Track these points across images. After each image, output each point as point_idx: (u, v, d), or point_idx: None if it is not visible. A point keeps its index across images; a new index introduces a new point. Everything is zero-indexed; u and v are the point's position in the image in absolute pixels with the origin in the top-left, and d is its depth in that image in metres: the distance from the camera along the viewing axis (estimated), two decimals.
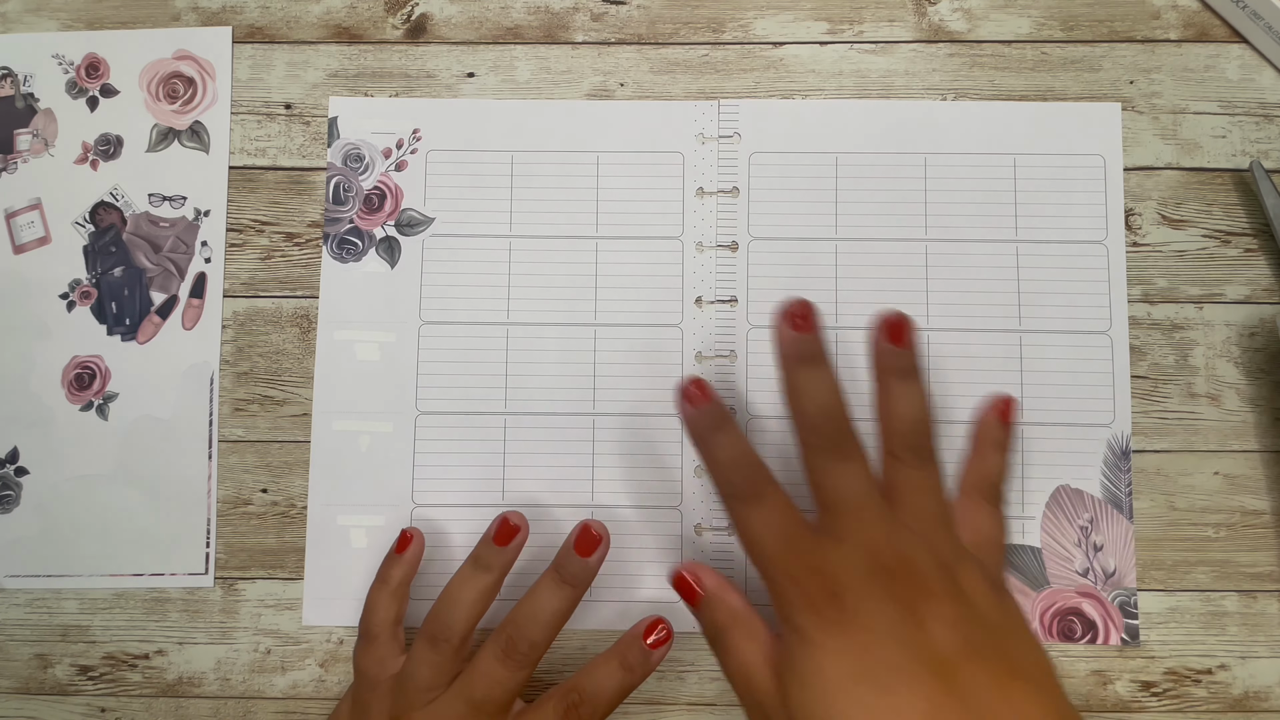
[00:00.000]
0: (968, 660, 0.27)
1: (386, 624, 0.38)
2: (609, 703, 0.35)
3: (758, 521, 0.30)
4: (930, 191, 0.42)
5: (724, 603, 0.32)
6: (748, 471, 0.31)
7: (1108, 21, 0.43)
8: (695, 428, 0.32)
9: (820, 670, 0.28)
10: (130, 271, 0.43)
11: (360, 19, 0.44)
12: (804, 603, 0.29)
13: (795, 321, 0.31)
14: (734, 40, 0.43)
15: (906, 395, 0.32)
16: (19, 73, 0.44)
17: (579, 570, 0.35)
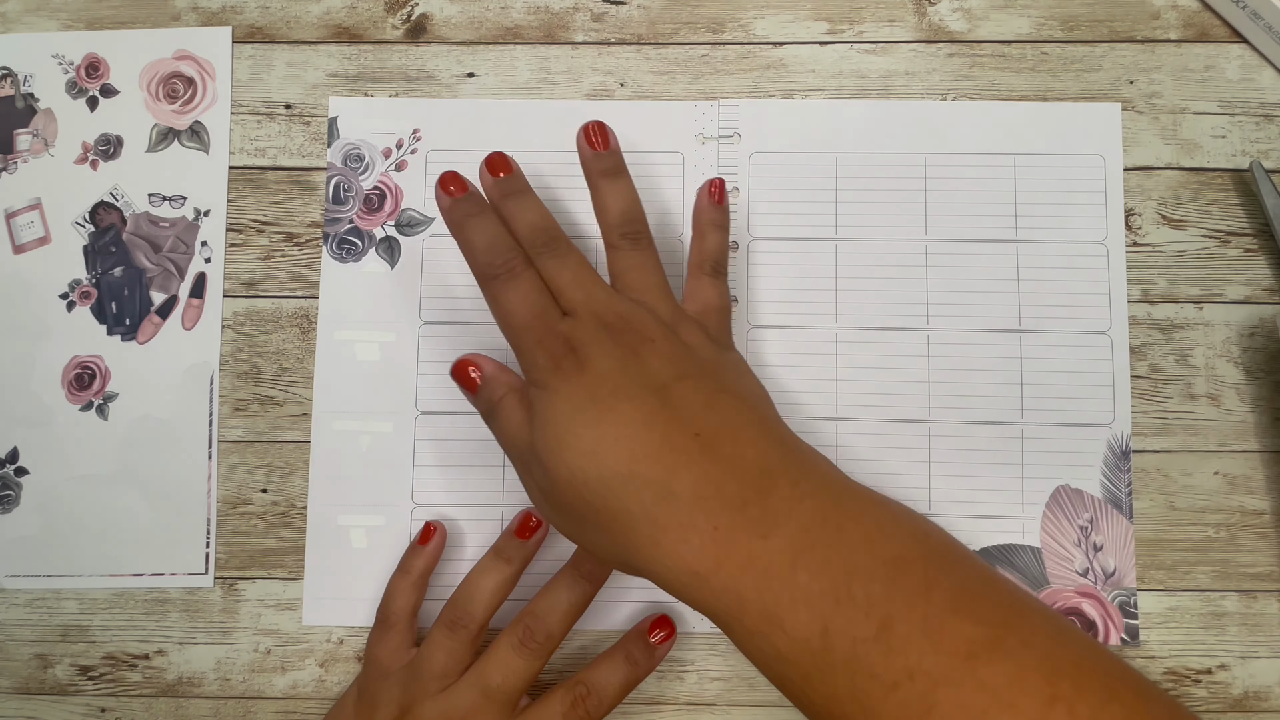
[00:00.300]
0: (679, 381, 0.31)
1: (404, 613, 0.38)
2: (614, 696, 0.36)
3: (513, 296, 0.33)
4: (930, 191, 0.42)
5: (500, 379, 0.34)
6: (505, 253, 0.33)
7: (1108, 21, 0.43)
8: (452, 215, 0.34)
9: (554, 408, 0.31)
10: (130, 271, 0.43)
11: (360, 19, 0.44)
12: (547, 361, 0.31)
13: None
14: (734, 40, 0.43)
15: (615, 191, 0.36)
16: (19, 73, 0.44)
17: (595, 567, 0.37)
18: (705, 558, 0.28)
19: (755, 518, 0.28)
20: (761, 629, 0.27)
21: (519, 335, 0.32)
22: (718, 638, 0.40)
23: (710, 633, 0.40)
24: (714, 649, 0.40)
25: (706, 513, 0.28)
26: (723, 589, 0.28)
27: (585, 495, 0.30)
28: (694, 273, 0.38)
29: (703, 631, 0.40)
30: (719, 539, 0.28)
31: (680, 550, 0.28)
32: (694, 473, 0.29)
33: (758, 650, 0.28)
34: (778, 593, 0.27)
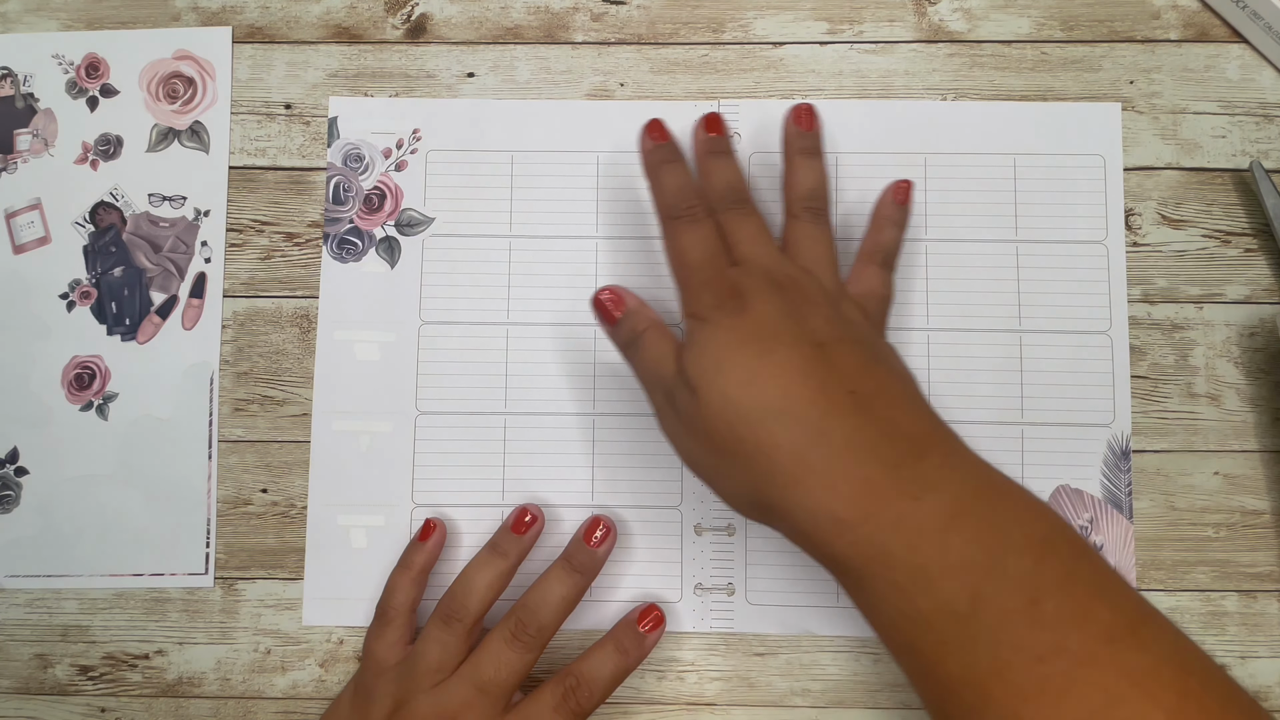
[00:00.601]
0: (838, 343, 0.32)
1: (403, 608, 0.38)
2: (605, 686, 0.36)
3: (690, 236, 0.35)
4: (930, 191, 0.42)
5: (643, 314, 0.36)
6: (691, 198, 0.36)
7: (1108, 21, 0.43)
8: (651, 158, 0.37)
9: (714, 338, 0.32)
10: (130, 271, 0.43)
11: (360, 19, 0.44)
12: (712, 299, 0.33)
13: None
14: (734, 40, 0.43)
15: (808, 168, 0.38)
16: (19, 73, 0.44)
17: (587, 559, 0.38)
18: (852, 506, 0.28)
19: (908, 478, 0.29)
20: (906, 588, 0.28)
21: (689, 272, 0.34)
22: (718, 638, 0.40)
23: (710, 633, 0.40)
24: (714, 649, 0.40)
25: (859, 463, 0.29)
26: (867, 540, 0.28)
27: (734, 424, 0.30)
28: (863, 260, 0.39)
29: (702, 631, 0.40)
30: (870, 491, 0.29)
31: (825, 495, 0.29)
32: (849, 423, 0.30)
33: (894, 610, 0.28)
34: (928, 554, 0.28)
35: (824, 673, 0.40)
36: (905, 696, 0.39)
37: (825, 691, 0.40)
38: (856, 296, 0.36)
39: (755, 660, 0.40)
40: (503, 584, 0.38)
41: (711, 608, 0.40)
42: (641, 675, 0.40)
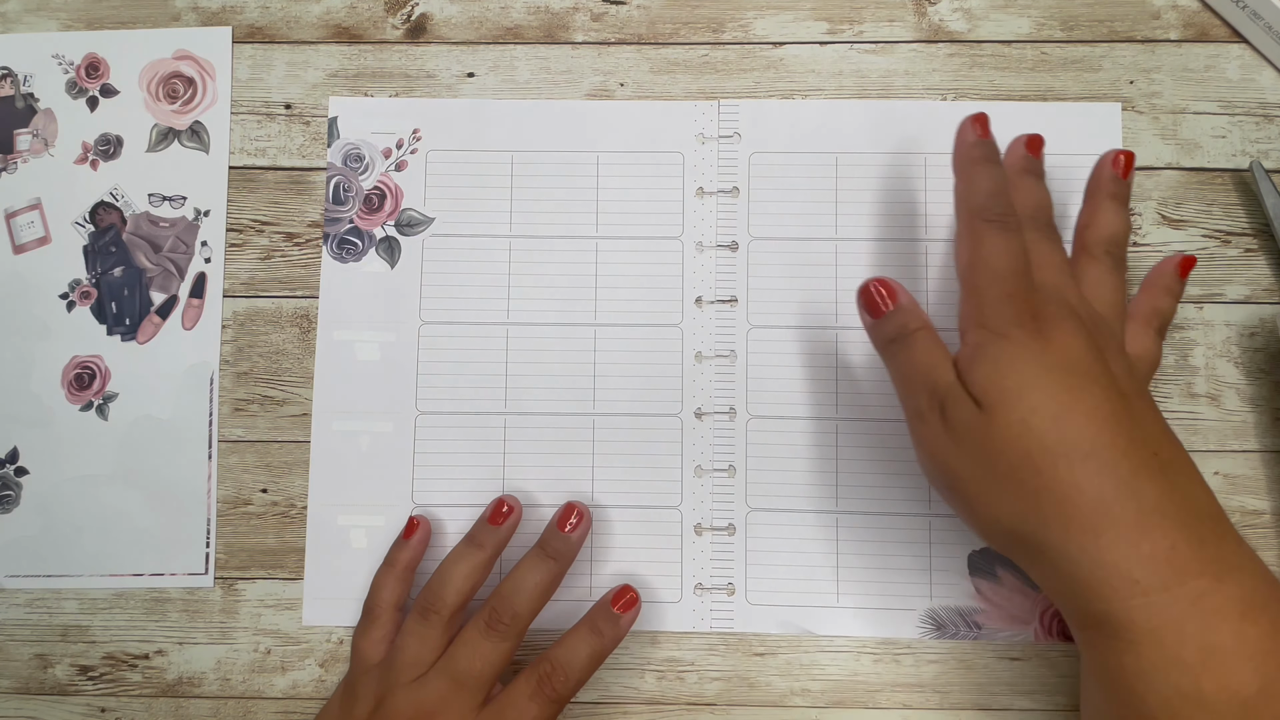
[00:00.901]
0: (1138, 397, 0.31)
1: (389, 605, 0.38)
2: (581, 669, 0.36)
3: (1000, 244, 0.33)
4: (930, 191, 0.42)
5: (915, 312, 0.34)
6: (1007, 205, 0.34)
7: (1108, 21, 0.43)
8: (970, 153, 0.35)
9: (1015, 358, 0.31)
10: (130, 271, 0.43)
11: (360, 19, 0.44)
12: (1012, 315, 0.31)
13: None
14: (734, 40, 0.43)
15: (1117, 213, 0.36)
16: (19, 73, 0.44)
17: (562, 545, 0.37)
18: (1152, 572, 0.28)
19: (1211, 557, 0.28)
20: (1193, 666, 0.27)
21: (991, 281, 0.32)
22: (717, 638, 0.40)
23: (710, 633, 0.40)
24: (714, 649, 0.40)
25: (1164, 529, 0.28)
26: (1161, 609, 0.28)
27: (1032, 455, 0.29)
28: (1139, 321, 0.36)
29: (702, 631, 0.40)
30: (1173, 560, 0.28)
31: (1126, 552, 0.28)
32: (1158, 485, 0.29)
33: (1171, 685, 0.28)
34: (1224, 637, 0.27)
35: (824, 673, 0.40)
36: (905, 697, 0.39)
37: (825, 691, 0.40)
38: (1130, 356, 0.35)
39: (755, 660, 0.40)
40: (481, 576, 0.38)
41: (711, 608, 0.40)
42: (642, 675, 0.40)
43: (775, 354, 0.41)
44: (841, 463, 0.41)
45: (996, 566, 0.40)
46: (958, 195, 0.35)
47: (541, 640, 0.40)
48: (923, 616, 0.40)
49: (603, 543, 0.41)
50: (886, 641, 0.40)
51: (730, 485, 0.41)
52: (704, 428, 0.41)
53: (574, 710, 0.40)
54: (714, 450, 0.41)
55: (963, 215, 0.34)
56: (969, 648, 0.40)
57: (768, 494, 0.41)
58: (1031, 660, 0.39)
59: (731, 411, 0.41)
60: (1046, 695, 0.39)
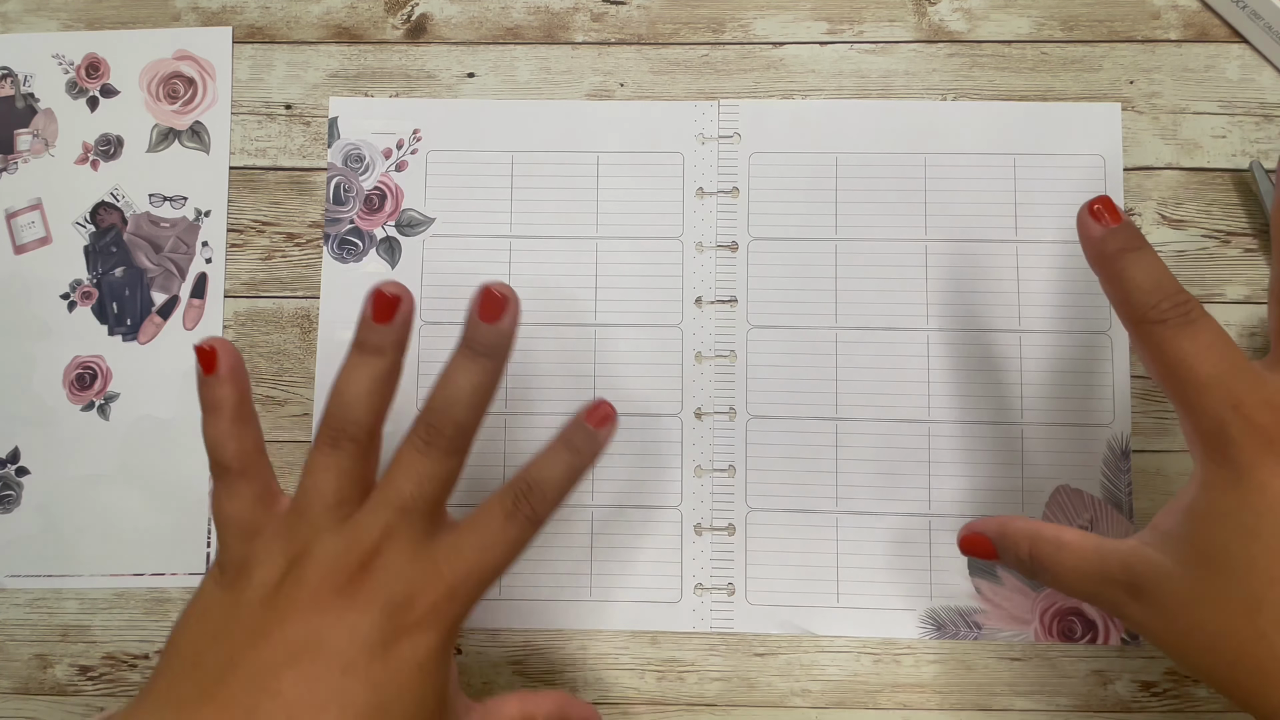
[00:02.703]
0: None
1: (246, 455, 0.30)
2: (558, 487, 0.30)
3: (1191, 344, 0.27)
4: (930, 191, 0.42)
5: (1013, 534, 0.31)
6: (1175, 294, 0.28)
7: (1108, 21, 0.43)
8: (1105, 247, 0.29)
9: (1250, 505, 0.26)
10: (131, 272, 0.43)
11: (360, 19, 0.44)
12: (1249, 434, 0.26)
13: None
14: (734, 40, 0.43)
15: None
16: (19, 73, 0.44)
17: (491, 337, 0.30)
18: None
19: None
20: None
21: (1201, 393, 0.27)
22: (718, 638, 0.40)
23: (710, 633, 0.40)
24: (714, 649, 0.40)
25: None
26: None
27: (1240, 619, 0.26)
28: None
29: (702, 631, 0.40)
30: None
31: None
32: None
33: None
34: None
35: (824, 673, 0.40)
36: (905, 697, 0.39)
37: (825, 691, 0.40)
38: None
39: (755, 660, 0.40)
40: (387, 388, 0.30)
41: (711, 608, 0.40)
42: (641, 675, 0.40)
43: (775, 354, 0.41)
44: (841, 463, 0.41)
45: (997, 566, 0.40)
46: (1111, 300, 0.30)
47: (539, 639, 0.40)
48: (923, 616, 0.40)
49: (603, 543, 0.41)
50: (886, 641, 0.40)
51: (730, 485, 0.41)
52: (704, 428, 0.41)
53: None
54: (714, 450, 0.41)
55: (1129, 324, 0.29)
56: (969, 648, 0.40)
57: (768, 494, 0.41)
58: (1031, 660, 0.39)
59: (731, 411, 0.41)
60: (1046, 695, 0.39)
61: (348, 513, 0.29)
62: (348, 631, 0.27)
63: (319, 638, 0.26)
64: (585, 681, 0.40)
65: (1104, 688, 0.39)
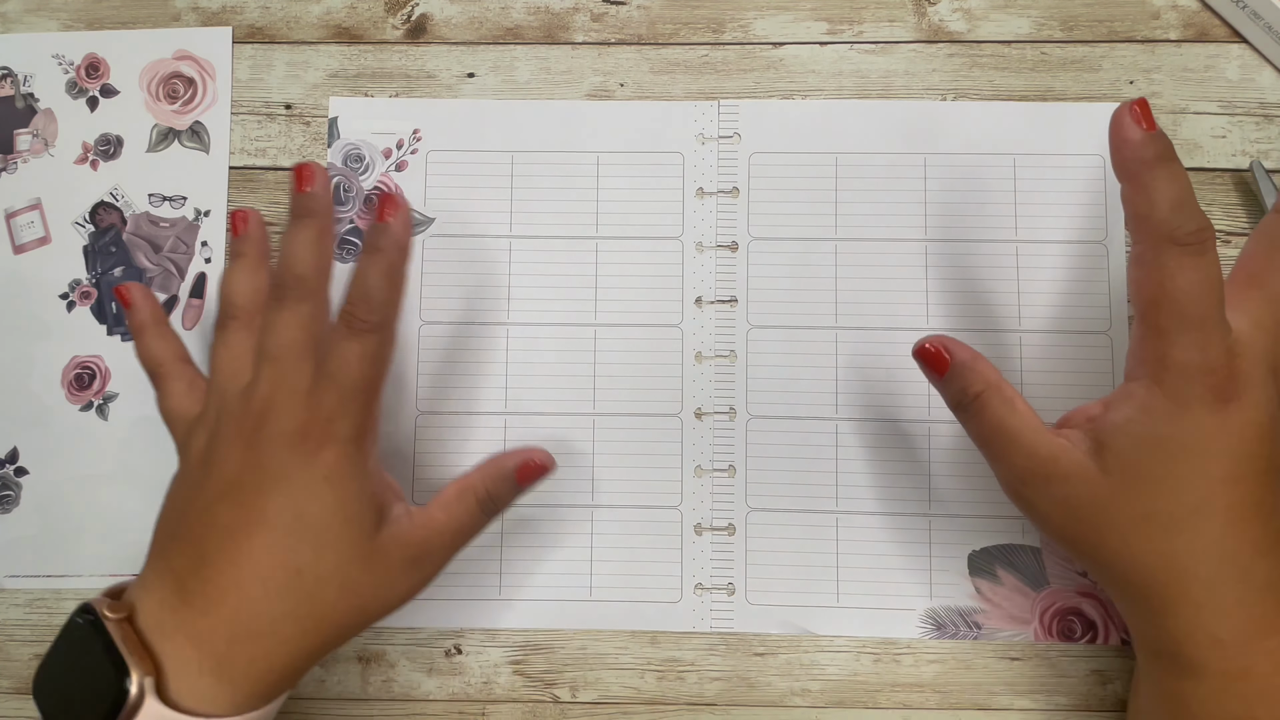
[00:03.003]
0: None
1: (169, 357, 0.37)
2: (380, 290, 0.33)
3: (1195, 277, 0.28)
4: (930, 191, 0.42)
5: (976, 371, 0.32)
6: (1199, 218, 0.28)
7: (1108, 21, 0.43)
8: (1142, 153, 0.28)
9: (1180, 438, 0.28)
10: (130, 272, 0.43)
11: (360, 19, 0.44)
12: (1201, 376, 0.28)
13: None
14: (734, 40, 0.43)
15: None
16: (19, 73, 0.44)
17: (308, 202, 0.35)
18: (1239, 635, 0.29)
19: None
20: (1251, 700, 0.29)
21: (1182, 326, 0.28)
22: (718, 638, 0.40)
23: (710, 633, 0.40)
24: (714, 649, 0.40)
25: (1265, 605, 0.29)
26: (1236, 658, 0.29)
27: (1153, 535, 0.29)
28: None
29: (702, 631, 0.40)
30: (1263, 626, 0.29)
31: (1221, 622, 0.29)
32: (1269, 560, 0.29)
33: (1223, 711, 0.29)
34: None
35: (824, 673, 0.40)
36: (905, 696, 0.39)
37: (825, 691, 0.40)
38: None
39: (755, 660, 0.40)
40: (258, 276, 0.36)
41: (711, 608, 0.40)
42: (642, 675, 0.40)
43: (775, 354, 0.41)
44: (841, 463, 0.41)
45: (996, 566, 0.40)
46: (1132, 209, 0.29)
47: (539, 639, 0.40)
48: (923, 616, 0.40)
49: (603, 543, 0.41)
50: (886, 641, 0.40)
51: (730, 485, 0.41)
52: (704, 428, 0.41)
53: (574, 710, 0.40)
54: (714, 450, 0.41)
55: (1144, 237, 0.29)
56: (969, 648, 0.40)
57: (768, 494, 0.41)
58: (1031, 660, 0.39)
59: (731, 411, 0.41)
60: (1046, 695, 0.39)
61: (245, 379, 0.34)
62: (259, 466, 0.32)
63: (239, 476, 0.32)
64: (585, 681, 0.40)
65: (1103, 687, 0.39)
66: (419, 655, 0.40)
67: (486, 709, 0.40)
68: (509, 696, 0.40)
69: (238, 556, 0.31)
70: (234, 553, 0.31)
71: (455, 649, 0.40)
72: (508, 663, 0.40)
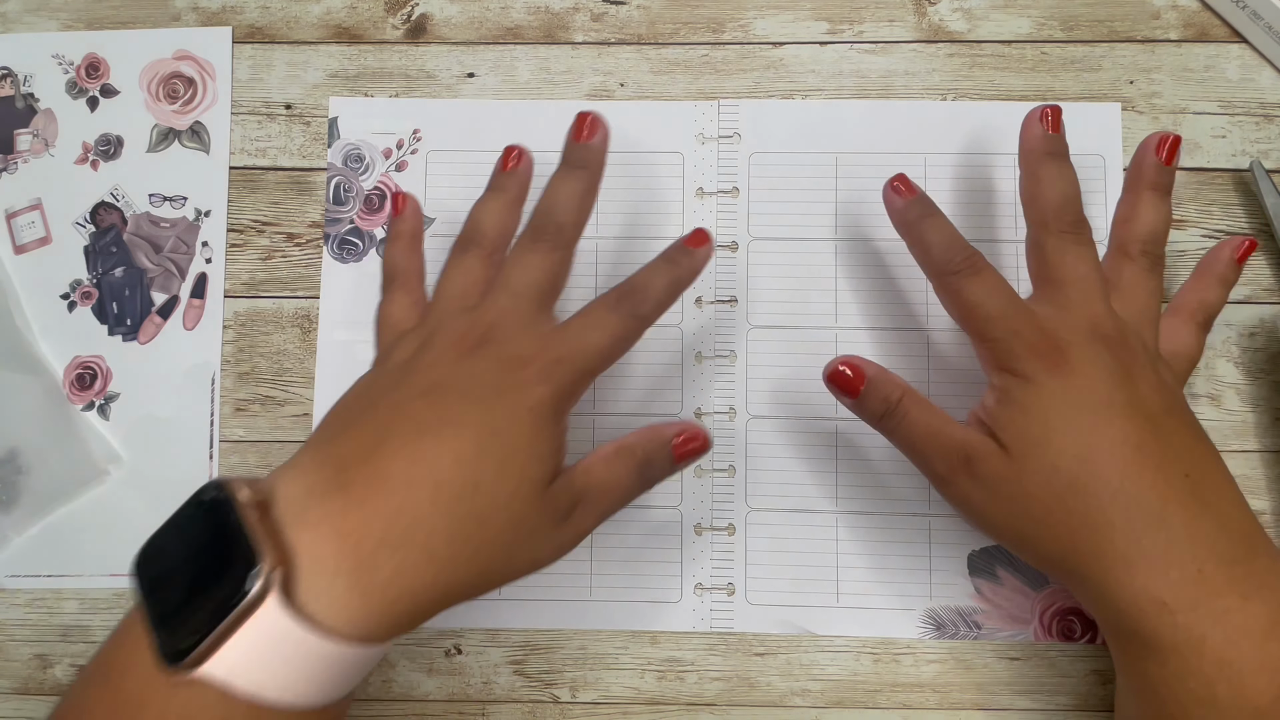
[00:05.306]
0: (1168, 415, 0.31)
1: (411, 272, 0.38)
2: (657, 292, 0.34)
3: (979, 289, 0.33)
4: (930, 191, 0.42)
5: (890, 380, 0.34)
6: (964, 250, 0.34)
7: (1108, 21, 0.43)
8: (906, 216, 0.35)
9: (1041, 401, 0.31)
10: (131, 272, 0.43)
11: (360, 19, 0.44)
12: (1028, 352, 0.31)
13: (1047, 123, 0.35)
14: (734, 40, 0.43)
15: (1158, 207, 0.35)
16: (19, 73, 0.44)
17: (585, 154, 0.35)
18: (1180, 594, 0.29)
19: (1239, 576, 0.29)
20: (1212, 677, 0.29)
21: (989, 324, 0.32)
22: (717, 638, 0.40)
23: (710, 633, 0.40)
24: (714, 649, 0.40)
25: (1195, 554, 0.29)
26: (1185, 627, 0.29)
27: (1062, 495, 0.30)
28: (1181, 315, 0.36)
29: (702, 631, 0.40)
30: (1201, 582, 0.29)
31: (1155, 580, 0.29)
32: (1188, 510, 0.30)
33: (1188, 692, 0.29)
34: (1245, 651, 0.28)
35: (824, 673, 0.40)
36: (905, 696, 0.39)
37: (825, 691, 0.40)
38: (1165, 355, 0.34)
39: (755, 660, 0.40)
40: (514, 210, 0.36)
41: (711, 608, 0.40)
42: (642, 675, 0.40)
43: (775, 354, 0.41)
44: (841, 463, 0.41)
45: (996, 566, 0.40)
46: (918, 260, 0.35)
47: (539, 639, 0.40)
48: (923, 616, 0.40)
49: (603, 543, 0.41)
50: (886, 641, 0.40)
51: (730, 485, 0.41)
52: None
53: (574, 710, 0.40)
54: (714, 450, 0.41)
55: (930, 275, 0.35)
56: (969, 648, 0.40)
57: (768, 494, 0.41)
58: (1031, 660, 0.39)
59: (731, 411, 0.41)
60: (1046, 695, 0.39)
61: (472, 303, 0.33)
62: (469, 375, 0.31)
63: (445, 381, 0.31)
64: (585, 681, 0.40)
65: (1103, 687, 0.39)
66: (419, 655, 0.40)
67: (486, 709, 0.40)
68: (509, 696, 0.40)
69: (419, 452, 0.29)
70: (417, 447, 0.29)
71: (455, 649, 0.40)
72: (508, 663, 0.40)
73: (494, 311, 0.32)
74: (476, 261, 0.35)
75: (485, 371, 0.31)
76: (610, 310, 0.33)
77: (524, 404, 0.30)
